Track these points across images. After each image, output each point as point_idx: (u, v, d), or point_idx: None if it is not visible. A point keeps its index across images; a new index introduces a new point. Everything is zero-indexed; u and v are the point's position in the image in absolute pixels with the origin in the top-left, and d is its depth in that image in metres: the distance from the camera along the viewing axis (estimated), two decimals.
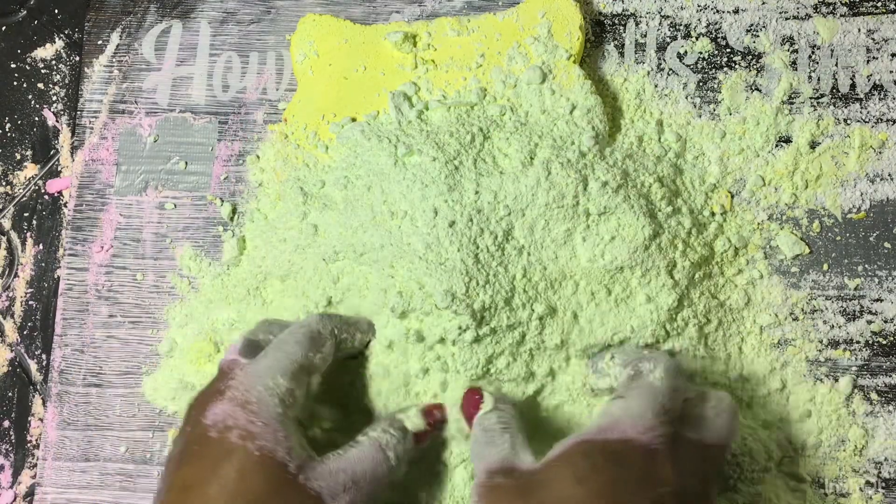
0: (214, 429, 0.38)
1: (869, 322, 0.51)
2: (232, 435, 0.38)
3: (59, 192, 0.56)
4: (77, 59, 0.57)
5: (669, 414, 0.40)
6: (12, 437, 0.53)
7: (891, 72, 0.54)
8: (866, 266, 0.52)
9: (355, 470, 0.40)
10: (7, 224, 0.56)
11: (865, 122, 0.53)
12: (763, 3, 0.55)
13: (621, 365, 0.44)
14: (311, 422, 0.45)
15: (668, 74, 0.54)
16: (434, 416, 0.45)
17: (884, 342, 0.51)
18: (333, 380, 0.46)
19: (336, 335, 0.44)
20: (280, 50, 0.56)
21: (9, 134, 0.57)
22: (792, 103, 0.54)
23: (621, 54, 0.55)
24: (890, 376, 0.50)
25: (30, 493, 0.51)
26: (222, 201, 0.53)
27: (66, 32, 0.58)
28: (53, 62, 0.58)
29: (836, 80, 0.54)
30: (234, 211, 0.53)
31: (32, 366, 0.53)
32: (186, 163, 0.54)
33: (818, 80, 0.54)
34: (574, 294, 0.47)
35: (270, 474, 0.37)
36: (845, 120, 0.53)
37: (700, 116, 0.54)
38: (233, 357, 0.43)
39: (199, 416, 0.39)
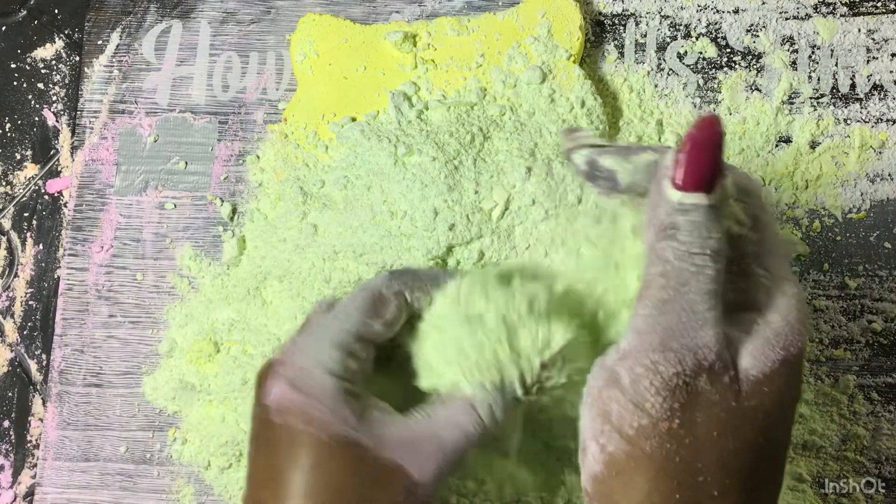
0: (276, 412, 0.35)
1: (870, 322, 0.51)
2: (296, 420, 0.35)
3: (59, 192, 0.56)
4: (77, 59, 0.57)
5: None
6: (12, 437, 0.52)
7: (891, 72, 0.54)
8: (867, 266, 0.52)
9: (442, 438, 0.36)
10: (7, 224, 0.56)
11: (865, 122, 0.53)
12: (763, 3, 0.55)
13: None
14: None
15: (668, 74, 0.54)
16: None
17: (885, 342, 0.51)
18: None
19: (406, 296, 0.39)
20: (280, 50, 0.56)
21: (9, 134, 0.57)
22: (792, 103, 0.54)
23: (621, 54, 0.55)
24: (891, 376, 0.50)
25: (30, 493, 0.51)
26: (222, 201, 0.53)
27: (66, 32, 0.58)
28: (53, 62, 0.58)
29: (836, 80, 0.54)
30: (234, 211, 0.53)
31: (32, 366, 0.53)
32: (186, 163, 0.54)
33: (818, 80, 0.54)
34: None
35: (347, 457, 0.35)
36: (845, 120, 0.53)
37: None
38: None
39: (259, 395, 0.36)
